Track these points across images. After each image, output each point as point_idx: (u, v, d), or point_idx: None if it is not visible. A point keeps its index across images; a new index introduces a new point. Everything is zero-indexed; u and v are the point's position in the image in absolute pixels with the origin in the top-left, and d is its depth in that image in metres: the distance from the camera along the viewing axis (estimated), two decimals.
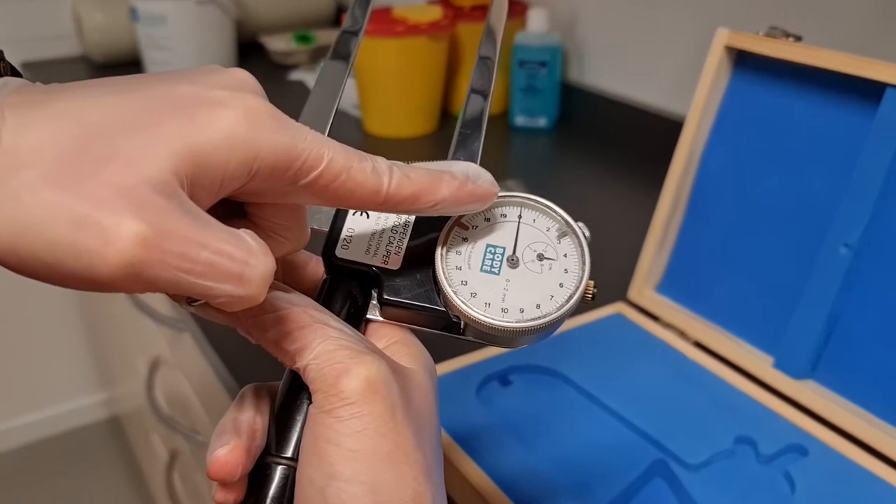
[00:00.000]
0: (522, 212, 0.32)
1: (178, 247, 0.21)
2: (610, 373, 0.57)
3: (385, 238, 0.32)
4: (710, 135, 0.62)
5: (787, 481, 0.49)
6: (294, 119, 0.26)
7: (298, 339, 0.27)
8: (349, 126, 1.17)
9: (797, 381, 0.55)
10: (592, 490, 0.48)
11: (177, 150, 0.22)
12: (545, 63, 1.10)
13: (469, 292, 0.30)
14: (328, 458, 0.25)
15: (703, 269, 0.63)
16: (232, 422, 0.28)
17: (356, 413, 0.25)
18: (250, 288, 0.23)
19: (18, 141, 0.21)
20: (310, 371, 0.26)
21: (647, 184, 0.82)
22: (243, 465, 0.27)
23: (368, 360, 0.26)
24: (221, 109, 0.23)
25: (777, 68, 0.58)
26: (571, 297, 0.30)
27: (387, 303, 0.31)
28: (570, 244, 0.31)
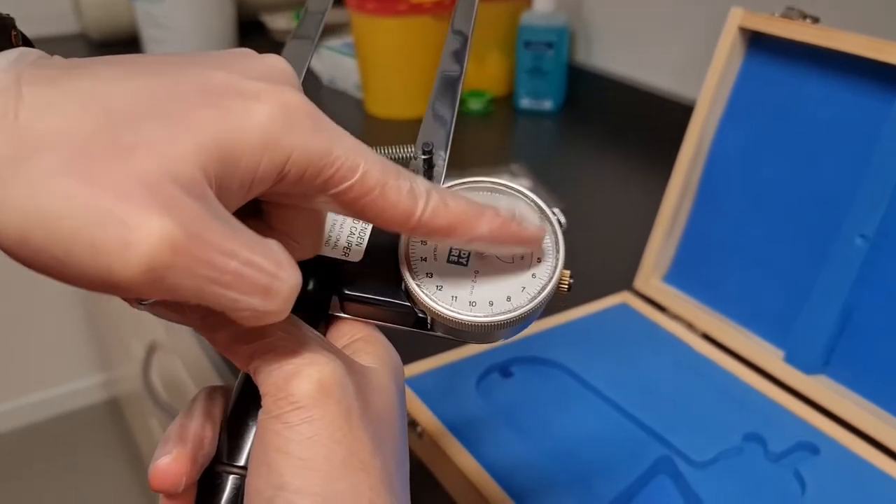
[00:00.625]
0: (494, 198, 0.30)
1: (207, 253, 0.19)
2: (614, 365, 0.55)
3: (346, 229, 0.30)
4: (722, 120, 0.60)
5: (798, 481, 0.47)
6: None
7: (248, 340, 0.25)
8: (350, 107, 1.15)
9: (809, 375, 0.53)
10: (594, 487, 0.46)
11: (207, 145, 0.20)
12: (551, 44, 1.08)
13: (435, 285, 0.28)
14: (277, 467, 0.23)
15: (713, 259, 0.61)
16: (178, 429, 0.26)
17: (307, 418, 0.23)
18: (277, 303, 0.21)
19: (36, 121, 0.19)
20: (260, 373, 0.24)
21: (655, 169, 0.80)
22: (188, 475, 0.25)
23: (322, 360, 0.24)
24: (257, 104, 0.21)
25: (793, 51, 0.55)
26: (544, 288, 0.28)
27: (348, 298, 0.29)
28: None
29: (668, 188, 0.62)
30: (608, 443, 0.50)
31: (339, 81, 1.21)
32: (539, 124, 1.11)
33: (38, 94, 0.19)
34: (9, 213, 0.18)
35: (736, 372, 0.55)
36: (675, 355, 0.57)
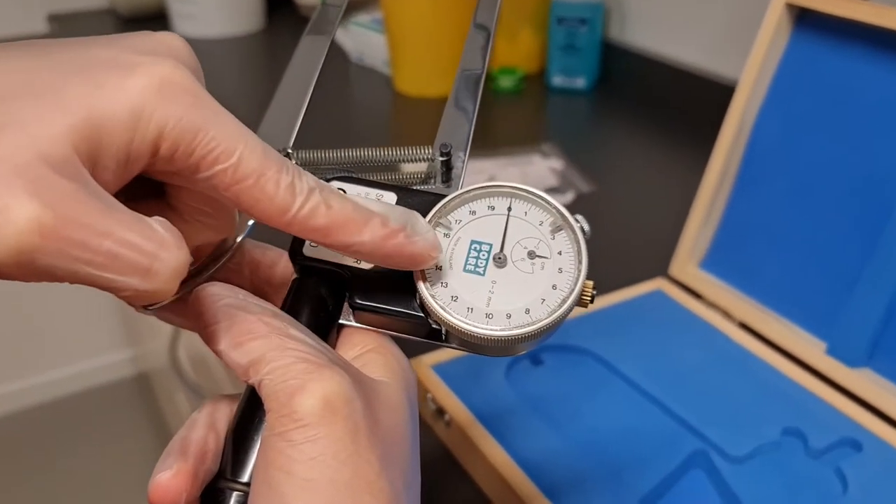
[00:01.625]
0: (513, 203, 0.28)
1: (79, 234, 0.19)
2: (648, 354, 0.54)
3: None
4: (765, 100, 0.58)
5: (839, 478, 0.45)
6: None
7: (252, 352, 0.24)
8: (379, 84, 1.14)
9: (852, 369, 0.51)
10: (626, 481, 0.45)
11: (79, 123, 0.19)
12: (585, 20, 1.05)
13: (449, 295, 0.27)
14: (279, 487, 0.22)
15: (752, 245, 0.59)
16: (180, 442, 0.25)
17: (311, 437, 0.22)
18: (157, 282, 0.20)
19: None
20: (263, 388, 0.23)
21: (692, 151, 0.78)
22: (188, 491, 0.24)
23: (328, 374, 0.23)
24: (132, 78, 0.21)
25: (843, 29, 0.53)
26: (565, 300, 0.26)
27: (358, 307, 0.28)
28: (566, 240, 0.27)
29: (707, 170, 0.60)
30: (640, 435, 0.48)
31: (367, 58, 1.20)
32: (571, 103, 1.08)
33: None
34: None
35: (775, 363, 0.53)
36: (712, 345, 0.55)
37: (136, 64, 0.21)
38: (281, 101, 0.32)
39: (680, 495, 0.45)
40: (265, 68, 1.27)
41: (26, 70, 0.20)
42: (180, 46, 0.23)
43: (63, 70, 0.20)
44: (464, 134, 0.31)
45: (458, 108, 0.31)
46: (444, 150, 0.30)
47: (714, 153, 0.60)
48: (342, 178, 0.30)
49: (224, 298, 0.25)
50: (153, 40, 0.23)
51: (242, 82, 1.22)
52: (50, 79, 0.20)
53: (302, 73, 0.33)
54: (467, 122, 0.31)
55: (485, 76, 0.32)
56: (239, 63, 1.28)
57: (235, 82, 1.21)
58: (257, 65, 1.29)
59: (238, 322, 0.24)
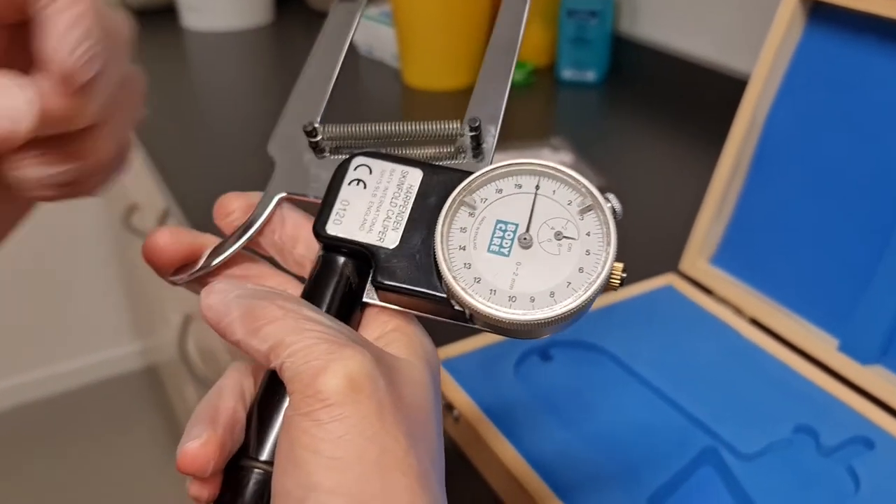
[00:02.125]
0: (541, 182, 0.27)
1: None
2: (658, 350, 0.53)
3: (383, 211, 0.28)
4: (778, 94, 0.57)
5: (851, 476, 0.45)
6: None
7: (270, 336, 0.24)
8: (388, 78, 1.13)
9: (864, 366, 0.51)
10: (636, 477, 0.45)
11: None
12: (595, 13, 1.04)
13: (473, 277, 0.26)
14: (306, 466, 0.22)
15: (764, 241, 0.58)
16: (209, 410, 0.25)
17: (337, 416, 0.22)
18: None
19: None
20: (285, 370, 0.23)
21: (703, 145, 0.77)
22: (215, 461, 0.24)
23: (349, 353, 0.23)
24: None
25: (858, 22, 0.52)
26: (592, 284, 0.25)
27: (381, 286, 0.27)
28: (595, 221, 0.26)
29: (718, 165, 0.60)
30: (651, 432, 0.48)
31: (376, 51, 1.19)
32: (581, 96, 1.08)
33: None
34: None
35: (786, 360, 0.53)
36: (722, 341, 0.55)
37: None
38: (310, 74, 0.32)
39: (690, 492, 0.45)
40: (273, 62, 1.27)
41: None
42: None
43: None
44: (496, 106, 0.30)
45: (491, 79, 0.31)
46: (472, 125, 0.29)
47: (726, 147, 0.59)
48: (367, 154, 0.29)
49: (234, 291, 0.25)
50: None
51: (251, 76, 1.22)
52: None
53: (331, 43, 0.32)
54: (500, 93, 0.30)
55: (521, 43, 0.31)
56: (247, 56, 1.28)
57: (244, 76, 1.21)
58: (266, 58, 1.29)
59: (252, 309, 0.24)
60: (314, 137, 0.30)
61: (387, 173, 0.29)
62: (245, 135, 0.96)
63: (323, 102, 0.31)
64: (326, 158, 0.30)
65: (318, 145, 0.30)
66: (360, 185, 0.28)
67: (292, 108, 0.31)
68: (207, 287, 0.26)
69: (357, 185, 0.28)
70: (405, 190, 0.28)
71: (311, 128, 0.30)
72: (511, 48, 0.31)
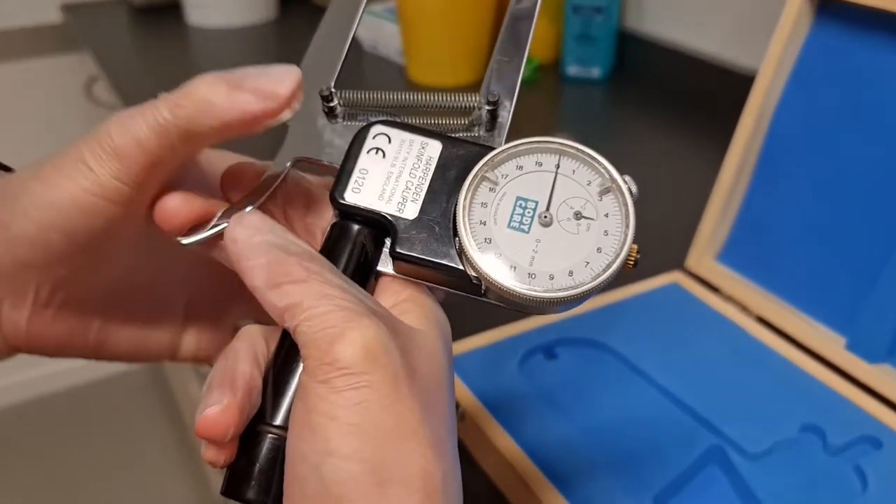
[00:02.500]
0: (561, 161, 0.28)
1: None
2: (664, 348, 0.53)
3: (402, 181, 0.28)
4: (785, 91, 0.57)
5: (858, 476, 0.45)
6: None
7: (289, 296, 0.24)
8: (392, 74, 1.13)
9: (872, 364, 0.50)
10: (642, 477, 0.44)
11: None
12: (601, 9, 1.04)
13: (493, 252, 0.26)
14: (323, 432, 0.22)
15: (770, 238, 0.58)
16: (227, 374, 0.25)
17: (354, 384, 0.22)
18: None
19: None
20: (300, 334, 0.23)
21: (709, 142, 0.77)
22: (235, 426, 0.24)
23: (366, 323, 0.23)
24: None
25: (866, 18, 0.51)
26: (610, 265, 0.26)
27: (399, 257, 0.27)
28: (613, 202, 0.27)
29: (725, 162, 0.59)
30: (656, 430, 0.48)
31: (380, 47, 1.19)
32: (587, 92, 1.07)
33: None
34: None
35: (793, 358, 0.53)
36: (728, 339, 0.55)
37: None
38: (323, 37, 0.31)
39: (696, 492, 0.45)
40: (278, 58, 1.26)
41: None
42: None
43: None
44: (511, 80, 0.30)
45: (505, 53, 0.30)
46: (491, 99, 0.29)
47: (732, 144, 0.59)
48: (385, 123, 0.29)
49: (262, 233, 0.25)
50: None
51: None
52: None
53: (345, 6, 0.32)
54: (515, 67, 0.30)
55: (537, 14, 0.31)
56: (252, 53, 1.27)
57: None
58: (270, 55, 1.29)
59: (277, 262, 0.24)
60: (330, 102, 0.30)
61: (406, 143, 0.29)
62: None
63: (337, 67, 0.31)
64: (340, 124, 0.30)
65: (332, 110, 0.30)
66: (380, 154, 0.28)
67: (305, 70, 0.31)
68: (238, 215, 0.26)
69: (376, 154, 0.28)
70: (424, 161, 0.28)
71: (327, 92, 0.29)
72: (528, 15, 0.31)
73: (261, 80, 0.26)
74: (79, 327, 0.31)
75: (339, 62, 0.31)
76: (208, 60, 1.23)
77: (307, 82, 0.30)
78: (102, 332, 0.32)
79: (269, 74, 0.26)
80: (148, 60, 1.25)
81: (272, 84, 0.26)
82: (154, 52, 1.28)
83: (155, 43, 1.31)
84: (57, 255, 0.27)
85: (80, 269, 0.28)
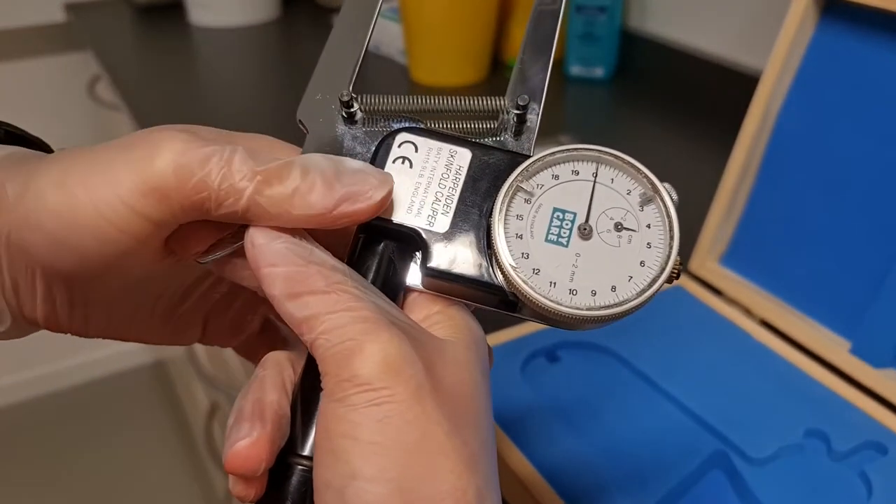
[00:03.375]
0: (599, 169, 0.26)
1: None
2: (667, 352, 0.53)
3: (431, 193, 0.26)
4: (790, 92, 0.56)
5: (864, 482, 0.44)
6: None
7: (308, 307, 0.23)
8: (395, 74, 1.13)
9: (877, 369, 0.50)
10: (644, 482, 0.44)
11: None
12: (604, 8, 1.03)
13: (531, 267, 0.25)
14: (345, 455, 0.21)
15: (775, 241, 0.57)
16: (256, 405, 0.24)
17: (374, 399, 0.21)
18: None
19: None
20: (317, 348, 0.22)
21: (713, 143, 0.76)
22: (267, 459, 0.23)
23: (385, 335, 0.22)
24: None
25: (872, 18, 0.51)
26: (655, 280, 0.25)
27: (431, 273, 0.26)
28: (655, 213, 0.26)
29: (728, 163, 0.59)
30: (658, 435, 0.47)
31: (383, 47, 1.19)
32: (590, 93, 1.07)
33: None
34: None
35: (797, 363, 0.52)
36: (732, 343, 0.54)
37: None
38: (338, 40, 0.30)
39: (699, 498, 0.44)
40: (281, 58, 1.27)
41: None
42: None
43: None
44: (539, 80, 0.29)
45: (532, 51, 0.29)
46: (521, 104, 0.27)
47: (736, 146, 0.58)
48: (411, 130, 0.28)
49: (283, 239, 0.24)
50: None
51: (258, 72, 1.21)
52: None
53: (361, 5, 0.30)
54: (542, 69, 0.29)
55: (562, 12, 0.29)
56: (254, 53, 1.27)
57: (252, 72, 1.20)
58: (273, 54, 1.28)
59: (297, 270, 0.23)
60: (350, 108, 0.28)
61: (434, 152, 0.27)
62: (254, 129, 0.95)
63: (354, 70, 0.29)
64: (361, 130, 0.28)
65: (352, 116, 0.28)
66: (406, 164, 0.27)
67: (322, 73, 0.29)
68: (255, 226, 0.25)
69: (402, 164, 0.27)
70: (454, 171, 0.27)
71: (347, 97, 0.28)
72: (554, 14, 0.30)
73: (357, 187, 0.25)
74: (92, 321, 0.29)
75: (356, 66, 0.29)
76: (210, 60, 1.23)
77: (324, 85, 0.29)
78: (118, 331, 0.31)
79: (365, 181, 0.25)
80: (150, 60, 1.24)
81: (370, 187, 0.25)
82: (156, 52, 1.27)
83: (157, 42, 1.31)
84: (62, 267, 0.25)
85: (85, 281, 0.27)
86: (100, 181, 0.24)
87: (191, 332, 0.33)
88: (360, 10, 0.30)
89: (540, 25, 0.30)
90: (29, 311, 0.27)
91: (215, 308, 0.33)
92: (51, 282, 0.26)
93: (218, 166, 0.23)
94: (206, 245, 0.27)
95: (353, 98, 0.28)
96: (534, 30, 0.29)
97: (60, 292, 0.27)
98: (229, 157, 0.24)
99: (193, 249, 0.27)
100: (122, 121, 1.14)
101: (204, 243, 0.27)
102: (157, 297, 0.30)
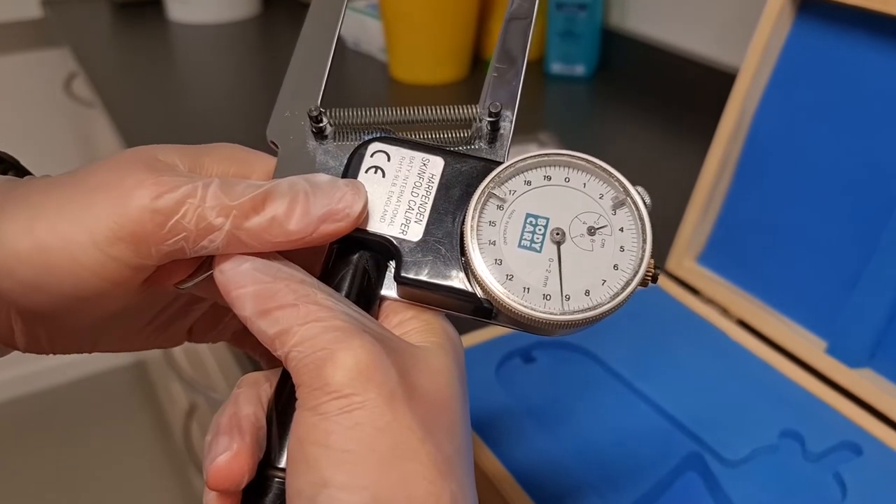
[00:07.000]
0: (570, 174, 0.26)
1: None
2: (643, 352, 0.52)
3: (404, 202, 0.26)
4: (766, 90, 0.56)
5: (838, 483, 0.44)
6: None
7: (279, 322, 0.22)
8: (374, 71, 1.12)
9: (852, 369, 0.50)
10: (618, 484, 0.43)
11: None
12: (585, 6, 1.03)
13: (504, 274, 0.25)
14: (317, 462, 0.21)
15: (751, 240, 0.57)
16: (232, 419, 0.24)
17: (345, 407, 0.21)
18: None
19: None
20: (291, 361, 0.22)
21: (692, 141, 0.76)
22: (249, 472, 0.23)
23: (357, 342, 0.22)
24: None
25: (848, 16, 0.51)
26: (629, 283, 0.25)
27: (405, 282, 0.26)
28: (628, 216, 0.26)
29: (705, 162, 0.58)
30: (634, 437, 0.47)
31: (363, 44, 1.18)
32: (570, 90, 1.06)
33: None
34: None
35: (773, 362, 0.52)
36: (708, 342, 0.54)
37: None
38: (302, 55, 0.30)
39: (673, 499, 0.44)
40: (261, 54, 1.25)
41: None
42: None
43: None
44: (512, 87, 0.29)
45: (505, 58, 0.29)
46: (493, 111, 0.27)
47: (713, 145, 0.58)
48: (383, 139, 0.27)
49: (249, 260, 0.24)
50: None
51: (238, 69, 1.20)
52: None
53: (323, 20, 0.30)
54: (515, 76, 0.29)
55: (534, 23, 0.30)
56: (234, 49, 1.26)
57: (231, 69, 1.19)
58: (253, 51, 1.27)
59: (265, 288, 0.23)
60: (319, 123, 0.28)
61: (406, 160, 0.27)
62: (232, 128, 0.94)
63: (321, 85, 0.29)
64: (333, 144, 0.28)
65: (322, 131, 0.28)
66: (378, 174, 0.27)
67: (288, 90, 0.29)
68: (221, 255, 0.25)
69: (375, 174, 0.27)
70: (427, 179, 0.27)
71: (316, 112, 0.28)
72: (525, 25, 0.30)
73: (333, 205, 0.25)
74: (74, 345, 0.29)
75: (323, 81, 0.29)
76: (190, 57, 1.22)
77: (291, 102, 0.29)
78: (102, 349, 0.30)
79: (341, 199, 0.25)
80: (128, 56, 1.23)
81: (345, 205, 0.25)
82: (134, 49, 1.26)
83: (136, 39, 1.29)
84: (38, 309, 0.25)
85: (64, 317, 0.26)
86: (72, 227, 0.23)
87: (177, 339, 0.33)
88: (323, 24, 0.30)
89: (512, 33, 0.29)
90: (8, 342, 0.27)
91: (201, 318, 0.33)
92: (28, 318, 0.26)
93: (193, 207, 0.23)
94: (185, 275, 0.26)
95: (322, 113, 0.28)
96: (506, 37, 0.29)
97: (39, 326, 0.26)
98: (202, 193, 0.24)
99: (173, 281, 0.26)
100: (98, 118, 1.13)
101: (183, 273, 0.26)
102: (139, 320, 0.30)
